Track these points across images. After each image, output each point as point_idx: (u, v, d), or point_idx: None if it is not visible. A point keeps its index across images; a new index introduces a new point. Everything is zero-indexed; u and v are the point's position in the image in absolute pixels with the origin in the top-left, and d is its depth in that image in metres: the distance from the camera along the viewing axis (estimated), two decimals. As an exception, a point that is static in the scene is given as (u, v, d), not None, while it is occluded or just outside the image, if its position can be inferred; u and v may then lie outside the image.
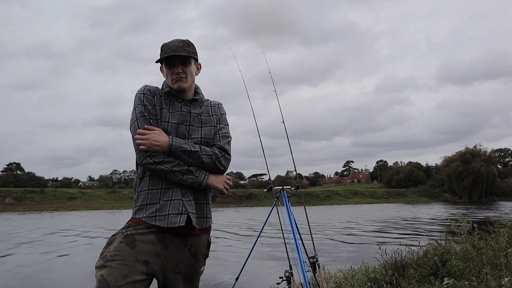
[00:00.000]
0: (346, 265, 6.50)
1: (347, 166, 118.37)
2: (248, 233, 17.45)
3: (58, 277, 8.87)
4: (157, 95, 2.00)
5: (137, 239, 1.80)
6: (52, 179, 75.08)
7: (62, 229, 20.82)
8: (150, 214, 1.85)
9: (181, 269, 1.90)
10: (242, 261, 4.46)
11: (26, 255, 12.02)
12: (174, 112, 1.98)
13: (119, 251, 1.75)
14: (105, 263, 1.71)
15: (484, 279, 3.47)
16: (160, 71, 2.09)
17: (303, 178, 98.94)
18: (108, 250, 1.75)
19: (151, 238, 1.83)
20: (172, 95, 2.02)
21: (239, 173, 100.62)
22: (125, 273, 1.69)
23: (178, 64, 1.98)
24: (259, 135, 4.20)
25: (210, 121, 2.06)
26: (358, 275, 5.14)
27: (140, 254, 1.77)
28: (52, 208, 45.48)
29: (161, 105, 1.98)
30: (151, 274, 1.80)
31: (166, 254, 1.85)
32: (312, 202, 57.00)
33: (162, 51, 2.00)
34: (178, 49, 1.97)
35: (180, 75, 1.98)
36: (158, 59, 2.01)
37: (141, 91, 1.98)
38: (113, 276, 1.67)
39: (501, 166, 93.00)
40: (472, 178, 63.32)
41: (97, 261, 1.76)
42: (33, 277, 8.72)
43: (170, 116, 1.96)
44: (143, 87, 2.00)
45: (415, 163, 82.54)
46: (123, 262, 1.72)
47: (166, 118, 1.95)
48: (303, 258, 3.49)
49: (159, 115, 1.95)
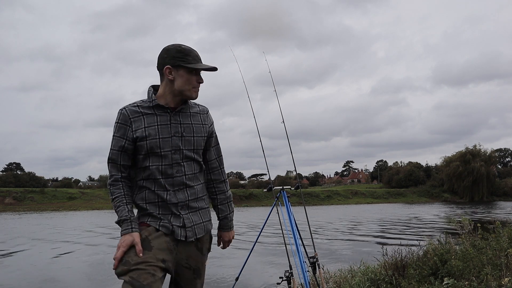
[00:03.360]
0: (346, 265, 6.50)
1: (347, 166, 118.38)
2: (248, 233, 17.44)
3: (61, 276, 8.87)
4: (136, 117, 1.96)
5: (151, 241, 1.88)
6: (52, 179, 75.07)
7: (62, 229, 20.82)
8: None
9: (191, 264, 2.01)
10: (242, 261, 4.46)
11: (28, 255, 12.02)
12: (164, 124, 1.97)
13: (145, 256, 1.83)
14: (130, 267, 1.77)
15: (484, 279, 3.47)
16: (165, 72, 1.97)
17: (303, 178, 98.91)
18: (128, 256, 1.81)
19: (164, 237, 1.93)
20: (160, 107, 1.99)
21: (239, 173, 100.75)
22: (152, 272, 1.79)
23: (199, 74, 2.01)
24: (259, 135, 4.20)
25: (201, 130, 2.06)
26: (358, 275, 5.13)
27: (158, 253, 1.86)
28: (52, 208, 45.47)
29: (145, 124, 1.95)
30: (167, 270, 1.90)
31: (177, 250, 1.96)
32: (312, 202, 56.99)
33: (188, 56, 1.96)
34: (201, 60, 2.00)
35: (199, 87, 2.02)
36: (191, 66, 1.95)
37: (116, 120, 1.99)
38: (144, 277, 1.75)
39: (501, 166, 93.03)
40: (472, 178, 63.25)
41: (119, 267, 1.79)
42: (35, 277, 8.72)
43: (160, 130, 1.95)
44: (118, 113, 1.99)
45: (415, 163, 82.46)
46: (148, 264, 1.79)
47: (155, 135, 1.94)
48: (303, 258, 3.49)
49: (144, 135, 1.93)
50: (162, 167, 1.95)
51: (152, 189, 1.96)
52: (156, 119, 1.97)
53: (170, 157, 1.96)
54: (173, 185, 1.97)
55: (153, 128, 1.95)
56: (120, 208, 1.91)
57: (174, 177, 1.97)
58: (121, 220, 1.89)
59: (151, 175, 1.95)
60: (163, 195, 1.95)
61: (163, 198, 1.95)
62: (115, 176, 1.98)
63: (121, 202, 1.92)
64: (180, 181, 1.98)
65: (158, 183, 1.96)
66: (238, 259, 10.26)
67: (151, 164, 1.94)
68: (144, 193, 1.97)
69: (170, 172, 1.96)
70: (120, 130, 1.96)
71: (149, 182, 1.97)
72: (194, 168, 2.04)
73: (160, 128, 1.96)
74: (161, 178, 1.95)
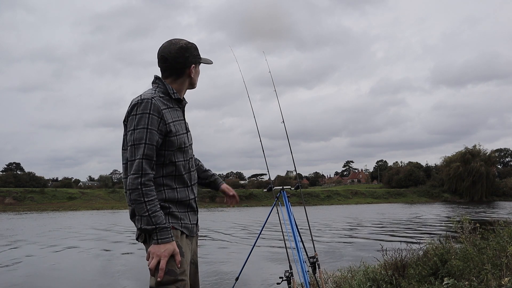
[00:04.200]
0: (346, 265, 6.49)
1: (347, 166, 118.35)
2: (248, 233, 17.44)
3: (64, 276, 8.87)
4: (165, 110, 1.89)
5: (182, 246, 1.89)
6: (52, 179, 75.02)
7: (61, 229, 20.82)
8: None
9: (195, 259, 2.07)
10: (242, 261, 4.46)
11: (29, 256, 12.02)
12: (182, 120, 2.00)
13: (182, 263, 1.86)
14: (177, 277, 1.79)
15: (484, 279, 3.47)
16: (192, 71, 2.01)
17: (303, 178, 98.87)
18: (171, 265, 1.79)
19: (186, 239, 1.96)
20: (180, 101, 2.01)
21: (239, 173, 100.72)
22: (192, 279, 1.97)
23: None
24: (259, 135, 4.19)
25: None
26: (358, 275, 5.13)
27: (188, 259, 1.92)
28: (52, 208, 45.45)
29: (172, 118, 1.92)
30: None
31: (192, 248, 2.02)
32: (312, 202, 56.99)
33: (198, 52, 2.05)
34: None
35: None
36: (207, 63, 2.11)
37: (146, 110, 1.83)
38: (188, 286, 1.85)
39: (501, 166, 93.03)
40: (472, 178, 63.27)
41: (165, 277, 1.76)
42: (37, 277, 8.72)
43: (181, 125, 1.97)
44: (147, 102, 1.83)
45: (415, 163, 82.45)
46: (186, 272, 1.86)
47: (181, 129, 1.95)
48: (303, 258, 3.49)
49: (175, 130, 1.90)
50: (185, 163, 1.97)
51: (173, 186, 1.91)
52: (177, 114, 1.97)
53: (189, 152, 2.01)
54: (191, 179, 2.01)
55: (178, 123, 1.95)
56: (156, 213, 1.77)
57: (190, 171, 2.01)
58: (158, 228, 1.76)
59: (175, 171, 1.91)
60: (185, 191, 1.95)
61: (185, 195, 1.95)
62: (150, 174, 1.80)
63: (157, 207, 1.78)
64: (194, 175, 2.05)
65: (180, 179, 1.93)
66: (238, 259, 10.26)
67: (177, 160, 1.92)
68: (163, 192, 1.88)
69: (190, 167, 2.01)
70: (154, 122, 1.81)
71: (169, 179, 1.90)
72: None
73: (180, 123, 1.97)
74: (185, 174, 1.96)
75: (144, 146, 1.78)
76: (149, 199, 1.76)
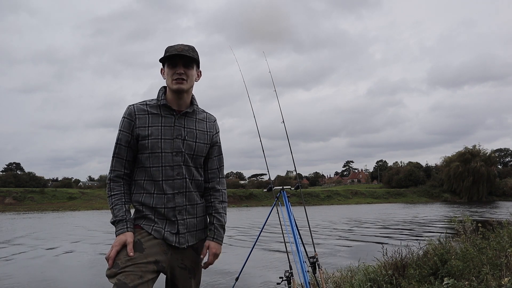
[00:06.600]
0: (346, 265, 6.49)
1: (347, 166, 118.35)
2: (248, 233, 17.44)
3: (64, 276, 8.87)
4: (141, 115, 1.95)
5: (143, 243, 1.86)
6: (52, 179, 75.02)
7: (62, 229, 20.81)
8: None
9: (186, 264, 2.00)
10: (242, 262, 4.46)
11: (29, 257, 12.02)
12: (168, 126, 1.97)
13: (130, 257, 1.81)
14: (118, 270, 1.76)
15: (484, 279, 3.47)
16: (160, 73, 2.05)
17: (303, 178, 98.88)
18: (118, 258, 1.79)
19: (157, 240, 1.91)
20: (167, 107, 1.99)
21: (239, 173, 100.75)
22: (140, 274, 1.77)
23: (181, 65, 1.97)
24: (259, 135, 4.20)
25: (204, 137, 2.06)
26: (358, 275, 5.13)
27: (150, 255, 1.84)
28: (52, 208, 45.43)
29: (149, 123, 1.95)
30: (161, 271, 1.89)
31: (171, 251, 1.94)
32: (312, 202, 56.96)
33: (166, 52, 1.98)
34: (183, 51, 1.96)
35: (181, 76, 1.96)
36: (161, 57, 1.99)
37: (123, 115, 1.98)
38: (130, 279, 1.74)
39: (501, 166, 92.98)
40: (472, 178, 63.26)
41: (108, 270, 1.78)
42: (39, 276, 8.72)
43: (163, 131, 1.95)
44: (126, 109, 1.99)
45: (415, 163, 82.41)
46: (137, 266, 1.78)
47: (158, 134, 1.94)
48: (303, 258, 3.49)
49: (147, 134, 1.93)
50: (162, 168, 1.93)
51: (152, 192, 1.93)
52: (160, 119, 1.96)
53: (171, 158, 1.94)
54: (174, 187, 1.95)
55: (156, 128, 1.94)
56: (117, 207, 1.88)
57: (174, 179, 1.95)
58: (116, 220, 1.87)
59: (152, 176, 1.93)
60: (160, 199, 1.93)
61: (160, 203, 1.93)
62: (118, 172, 1.94)
63: (120, 201, 1.90)
64: (180, 184, 1.96)
65: (158, 185, 1.93)
66: (238, 259, 10.26)
67: (151, 165, 1.93)
68: (142, 195, 1.94)
69: (171, 173, 1.94)
70: (126, 124, 1.95)
71: (149, 183, 1.94)
72: (194, 174, 2.03)
73: (164, 129, 1.95)
74: (162, 180, 1.93)
75: (116, 146, 1.96)
76: (113, 193, 1.91)
